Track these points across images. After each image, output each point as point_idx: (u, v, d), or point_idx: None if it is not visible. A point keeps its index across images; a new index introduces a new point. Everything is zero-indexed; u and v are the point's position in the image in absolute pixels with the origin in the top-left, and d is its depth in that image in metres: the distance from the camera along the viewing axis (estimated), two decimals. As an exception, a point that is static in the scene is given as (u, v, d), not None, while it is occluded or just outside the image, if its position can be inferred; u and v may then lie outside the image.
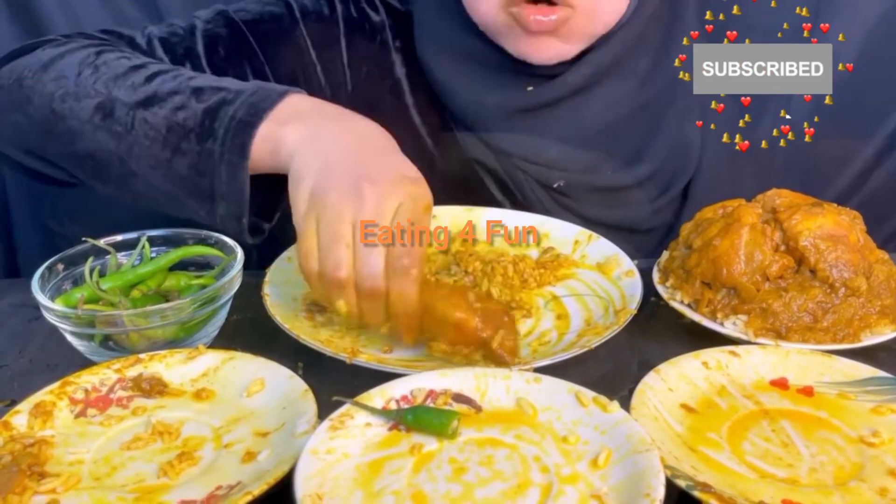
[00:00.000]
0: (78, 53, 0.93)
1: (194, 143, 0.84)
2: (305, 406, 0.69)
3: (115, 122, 0.86)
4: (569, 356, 0.77)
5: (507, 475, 0.63)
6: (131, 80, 0.89)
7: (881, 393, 0.73)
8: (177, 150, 0.84)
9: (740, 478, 0.64)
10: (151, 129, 0.85)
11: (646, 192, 1.10)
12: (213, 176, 0.83)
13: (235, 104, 0.84)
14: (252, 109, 0.83)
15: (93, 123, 0.87)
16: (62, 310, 0.78)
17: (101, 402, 0.74)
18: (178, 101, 0.86)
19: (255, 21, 1.06)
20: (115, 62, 0.91)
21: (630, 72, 1.06)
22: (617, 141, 1.07)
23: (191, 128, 0.84)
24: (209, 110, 0.84)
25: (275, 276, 0.90)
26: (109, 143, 0.87)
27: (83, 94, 0.89)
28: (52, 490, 0.63)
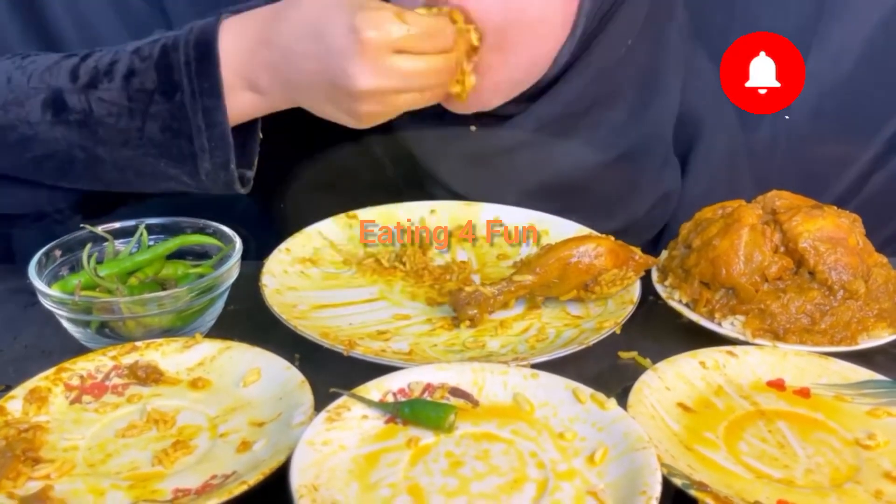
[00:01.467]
0: (2, 64, 0.89)
1: (162, 103, 0.81)
2: (302, 397, 0.69)
3: (70, 112, 0.83)
4: (567, 353, 0.77)
5: (503, 470, 0.62)
6: (64, 67, 0.85)
7: (878, 396, 0.73)
8: (145, 115, 0.81)
9: (736, 477, 0.64)
10: (112, 105, 0.82)
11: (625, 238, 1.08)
12: (191, 129, 0.81)
13: (180, 48, 0.82)
14: (200, 47, 0.81)
15: (46, 122, 0.83)
16: (59, 296, 0.78)
17: (97, 389, 0.73)
18: (124, 69, 0.83)
19: None
20: (41, 58, 0.88)
21: (597, 124, 1.01)
22: (587, 193, 1.04)
23: (151, 89, 0.81)
24: (160, 65, 0.82)
25: (273, 267, 0.89)
26: (70, 135, 0.83)
27: (23, 97, 0.84)
28: (46, 476, 0.63)
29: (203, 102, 0.80)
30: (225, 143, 0.81)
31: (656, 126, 1.06)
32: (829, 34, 1.35)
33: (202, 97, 0.80)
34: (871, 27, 1.36)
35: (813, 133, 1.34)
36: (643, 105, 1.03)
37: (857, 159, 1.37)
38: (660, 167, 1.08)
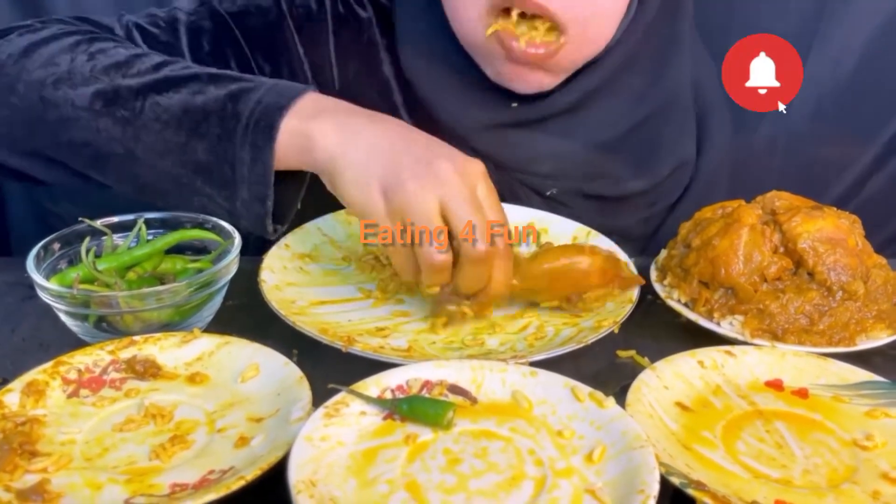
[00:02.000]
0: (65, 39, 0.88)
1: (215, 126, 0.80)
2: (300, 393, 0.69)
3: (120, 108, 0.82)
4: (565, 351, 0.77)
5: (501, 467, 0.62)
6: (136, 67, 0.85)
7: (875, 397, 0.73)
8: (194, 133, 0.81)
9: (734, 477, 0.64)
10: (165, 113, 0.82)
11: (641, 204, 1.11)
12: (235, 159, 0.80)
13: (260, 91, 0.81)
14: (278, 97, 0.80)
15: (93, 110, 0.83)
16: (57, 289, 0.78)
17: (94, 383, 0.73)
18: (195, 87, 0.83)
19: (241, 13, 1.03)
20: (112, 50, 0.87)
21: (623, 90, 1.06)
22: (613, 157, 1.07)
23: (211, 110, 0.81)
24: (232, 95, 0.81)
25: (272, 262, 0.89)
26: (113, 129, 0.83)
27: (79, 81, 0.84)
28: (43, 469, 0.63)
29: (254, 138, 0.79)
30: (265, 182, 0.80)
31: (674, 92, 1.09)
32: (830, 36, 1.35)
33: (255, 134, 0.79)
34: (871, 29, 1.36)
35: (813, 134, 1.34)
36: (661, 73, 1.07)
37: (857, 161, 1.37)
38: (678, 133, 1.10)
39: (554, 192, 1.06)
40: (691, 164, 1.12)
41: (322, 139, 0.78)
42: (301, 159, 0.80)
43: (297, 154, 0.80)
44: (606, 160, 1.07)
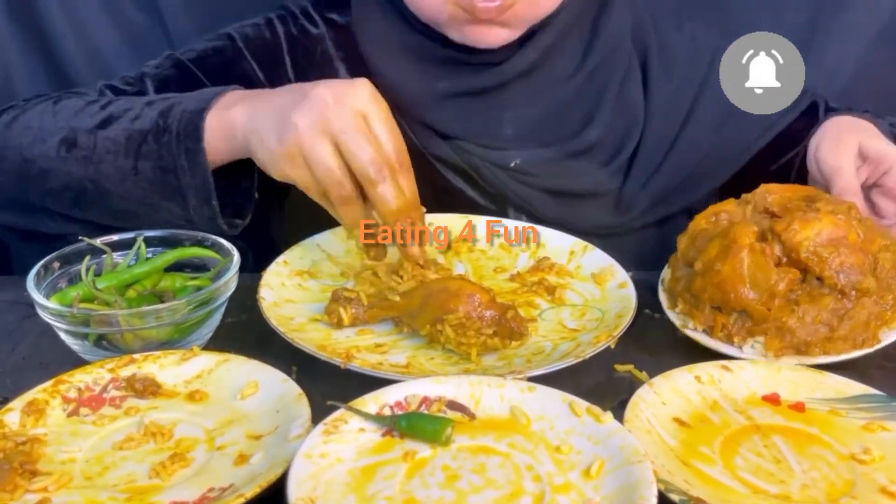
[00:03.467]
0: (38, 107, 1.00)
1: (152, 143, 0.91)
2: (299, 410, 0.69)
3: (80, 149, 0.93)
4: (563, 366, 0.77)
5: (499, 483, 0.63)
6: (88, 111, 0.96)
7: (872, 410, 0.73)
8: (138, 154, 0.91)
9: (733, 493, 0.64)
10: (112, 144, 0.92)
11: (596, 159, 1.12)
12: (176, 167, 0.90)
13: (184, 103, 0.92)
14: (199, 102, 0.91)
15: (60, 157, 0.94)
16: (57, 308, 0.78)
17: (94, 402, 0.73)
18: (133, 114, 0.93)
19: (200, 57, 1.11)
20: (71, 103, 0.99)
21: (571, 47, 1.10)
22: (567, 111, 1.11)
23: (147, 130, 0.91)
24: (162, 112, 0.92)
25: (270, 279, 0.90)
26: (78, 170, 0.93)
27: (48, 135, 0.95)
28: (44, 489, 0.63)
29: (186, 143, 0.89)
30: (206, 182, 0.90)
31: (615, 40, 1.12)
32: (824, 49, 1.36)
33: (186, 140, 0.89)
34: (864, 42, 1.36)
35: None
36: (602, 25, 1.11)
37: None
38: (623, 78, 1.13)
39: (518, 162, 1.09)
40: (640, 107, 1.13)
41: (238, 121, 0.89)
42: (229, 147, 0.90)
43: (225, 144, 0.90)
44: (563, 117, 1.10)
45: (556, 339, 0.85)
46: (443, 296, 0.81)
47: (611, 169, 1.12)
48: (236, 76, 1.07)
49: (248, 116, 0.88)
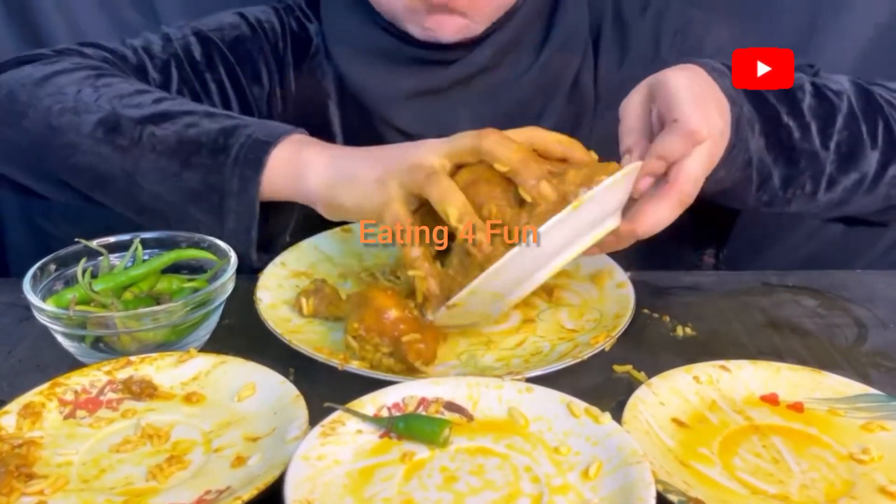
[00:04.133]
0: (76, 73, 0.96)
1: (206, 157, 0.87)
2: (296, 412, 0.69)
3: (120, 137, 0.89)
4: (561, 367, 0.77)
5: (497, 485, 0.62)
6: (137, 100, 0.92)
7: (871, 410, 0.73)
8: (187, 163, 0.87)
9: (732, 493, 0.64)
10: (160, 143, 0.88)
11: None
12: (224, 190, 0.86)
13: (251, 127, 0.88)
14: (267, 133, 0.87)
15: (94, 137, 0.90)
16: (54, 310, 0.78)
17: (91, 404, 0.73)
18: (190, 120, 0.89)
19: (219, 30, 1.11)
20: (118, 84, 0.95)
21: (529, 41, 1.10)
22: (524, 107, 1.10)
23: (203, 142, 0.87)
24: (224, 129, 0.88)
25: (268, 281, 0.90)
26: (112, 156, 0.89)
27: (83, 110, 0.91)
28: (40, 492, 0.63)
29: (242, 170, 0.86)
30: (251, 213, 0.86)
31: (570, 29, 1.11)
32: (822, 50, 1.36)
33: (244, 166, 0.86)
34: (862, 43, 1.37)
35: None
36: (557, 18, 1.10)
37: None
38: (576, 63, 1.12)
39: None
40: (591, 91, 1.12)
41: (313, 166, 0.86)
42: (292, 187, 0.87)
43: (288, 182, 0.86)
44: (520, 113, 1.09)
45: (554, 339, 0.85)
46: (360, 303, 0.80)
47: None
48: (251, 54, 1.11)
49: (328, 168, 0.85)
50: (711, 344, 0.85)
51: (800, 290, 0.97)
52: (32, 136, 0.93)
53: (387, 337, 0.77)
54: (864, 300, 0.94)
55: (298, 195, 0.87)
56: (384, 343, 0.77)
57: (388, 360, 0.78)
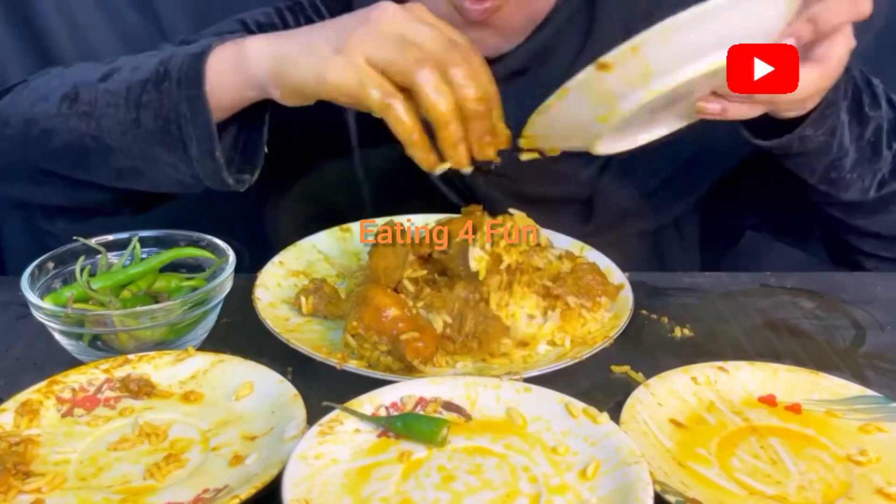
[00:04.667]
0: (52, 71, 0.98)
1: (152, 92, 0.86)
2: (294, 411, 0.69)
3: (81, 104, 0.90)
4: (559, 367, 0.77)
5: (495, 484, 0.62)
6: (95, 68, 0.93)
7: (868, 411, 0.73)
8: (139, 104, 0.87)
9: (729, 494, 0.64)
10: (112, 97, 0.88)
11: (578, 162, 1.11)
12: (178, 116, 0.85)
13: (186, 49, 0.88)
14: (200, 47, 0.86)
15: (62, 114, 0.90)
16: (51, 308, 0.77)
17: (89, 402, 0.73)
18: (134, 64, 0.90)
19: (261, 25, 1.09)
20: (84, 64, 0.96)
21: (565, 51, 1.09)
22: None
23: (146, 79, 0.87)
24: (162, 60, 0.88)
25: (266, 280, 0.89)
26: (79, 125, 0.89)
27: (51, 93, 0.92)
28: (37, 489, 0.63)
29: (187, 91, 0.84)
30: (209, 131, 0.85)
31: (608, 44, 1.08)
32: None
33: (187, 86, 0.85)
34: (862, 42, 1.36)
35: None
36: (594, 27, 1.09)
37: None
38: None
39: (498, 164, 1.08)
40: None
41: (255, 48, 0.84)
42: (240, 80, 0.85)
43: (234, 80, 0.85)
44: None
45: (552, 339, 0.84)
46: (360, 302, 0.80)
47: (590, 170, 1.12)
48: None
49: (269, 45, 0.83)
50: (709, 345, 0.85)
51: (798, 291, 0.97)
52: (16, 139, 0.94)
53: (385, 335, 0.77)
54: (862, 302, 0.94)
55: (249, 86, 0.85)
56: (383, 341, 0.77)
57: (386, 358, 0.77)
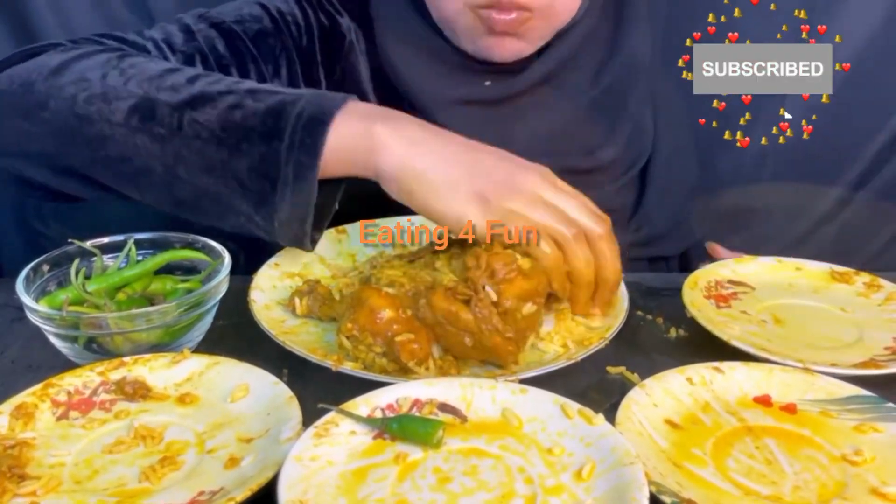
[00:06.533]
0: (96, 57, 0.89)
1: (257, 143, 0.80)
2: (290, 412, 0.69)
3: (157, 124, 0.82)
4: (555, 368, 0.77)
5: (491, 486, 0.62)
6: (169, 81, 0.85)
7: (863, 411, 0.73)
8: (235, 150, 0.80)
9: (725, 495, 0.64)
10: (204, 130, 0.81)
11: (608, 175, 1.13)
12: (278, 177, 0.80)
13: (299, 104, 0.81)
14: (320, 109, 0.80)
15: (129, 126, 0.83)
16: (47, 311, 0.77)
17: (84, 405, 0.73)
18: (233, 101, 0.82)
19: (239, 21, 1.05)
20: (144, 64, 0.88)
21: (587, 61, 1.10)
22: (580, 128, 1.10)
23: (251, 126, 0.80)
24: (271, 109, 0.81)
25: (261, 282, 0.89)
26: (150, 146, 0.83)
27: (113, 96, 0.84)
28: (32, 493, 0.63)
29: (298, 156, 0.79)
30: (307, 202, 0.80)
31: (633, 60, 1.12)
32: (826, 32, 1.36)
33: (300, 152, 0.79)
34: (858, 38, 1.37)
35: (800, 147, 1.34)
36: (620, 44, 1.11)
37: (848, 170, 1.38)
38: (639, 99, 1.14)
39: None
40: (650, 132, 1.15)
41: (384, 142, 0.80)
42: (357, 164, 0.81)
43: (351, 159, 0.81)
44: (575, 132, 1.10)
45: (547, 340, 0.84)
46: (355, 303, 0.79)
47: (621, 183, 1.13)
48: (275, 47, 1.05)
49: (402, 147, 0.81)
50: (705, 345, 0.85)
51: (793, 291, 0.97)
52: (55, 128, 0.86)
53: (380, 337, 0.77)
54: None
55: (364, 171, 0.82)
56: (377, 343, 0.77)
57: (381, 360, 0.77)
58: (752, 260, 0.99)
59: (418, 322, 0.79)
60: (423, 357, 0.77)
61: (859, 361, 0.81)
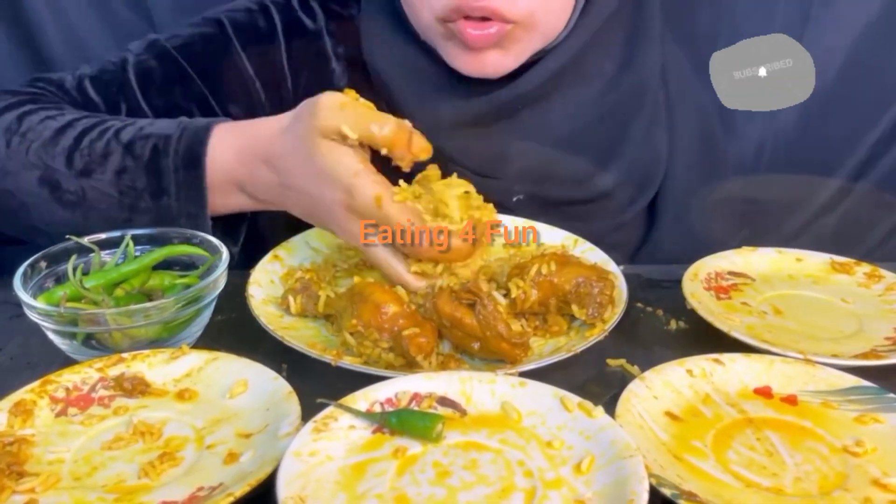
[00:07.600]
0: (1, 120, 0.94)
1: (149, 202, 0.89)
2: (289, 408, 0.69)
3: (65, 193, 0.90)
4: (554, 361, 0.77)
5: (491, 479, 0.62)
6: (60, 144, 0.91)
7: (864, 402, 0.73)
8: (134, 209, 0.90)
9: (725, 486, 0.64)
10: (103, 196, 0.90)
11: (611, 204, 1.10)
12: (176, 226, 0.89)
13: (170, 154, 0.89)
14: (189, 155, 0.88)
15: (42, 197, 0.90)
16: (45, 308, 0.77)
17: (83, 402, 0.73)
18: (116, 164, 0.90)
19: (186, 45, 1.05)
20: (38, 126, 0.93)
21: (591, 76, 1.06)
22: (581, 150, 1.06)
23: (141, 188, 0.89)
24: (150, 168, 0.89)
25: (260, 277, 0.89)
26: (64, 213, 0.90)
27: (21, 168, 0.90)
28: (31, 489, 0.63)
29: (188, 209, 0.89)
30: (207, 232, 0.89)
31: (643, 80, 1.08)
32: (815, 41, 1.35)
33: (188, 203, 0.89)
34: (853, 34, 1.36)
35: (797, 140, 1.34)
36: (629, 59, 1.07)
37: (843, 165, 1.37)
38: (648, 124, 1.09)
39: (521, 197, 1.06)
40: (662, 159, 1.11)
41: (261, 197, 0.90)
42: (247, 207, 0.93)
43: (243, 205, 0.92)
44: (574, 154, 1.06)
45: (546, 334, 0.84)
46: (356, 299, 0.79)
47: (622, 219, 1.10)
48: (224, 67, 1.04)
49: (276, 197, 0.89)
50: (705, 337, 0.85)
51: (793, 282, 0.97)
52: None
53: (386, 332, 0.77)
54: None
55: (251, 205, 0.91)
56: (383, 338, 0.77)
57: (388, 355, 0.77)
58: (753, 251, 0.99)
59: (422, 316, 0.79)
60: (430, 350, 0.77)
61: (860, 352, 0.81)
